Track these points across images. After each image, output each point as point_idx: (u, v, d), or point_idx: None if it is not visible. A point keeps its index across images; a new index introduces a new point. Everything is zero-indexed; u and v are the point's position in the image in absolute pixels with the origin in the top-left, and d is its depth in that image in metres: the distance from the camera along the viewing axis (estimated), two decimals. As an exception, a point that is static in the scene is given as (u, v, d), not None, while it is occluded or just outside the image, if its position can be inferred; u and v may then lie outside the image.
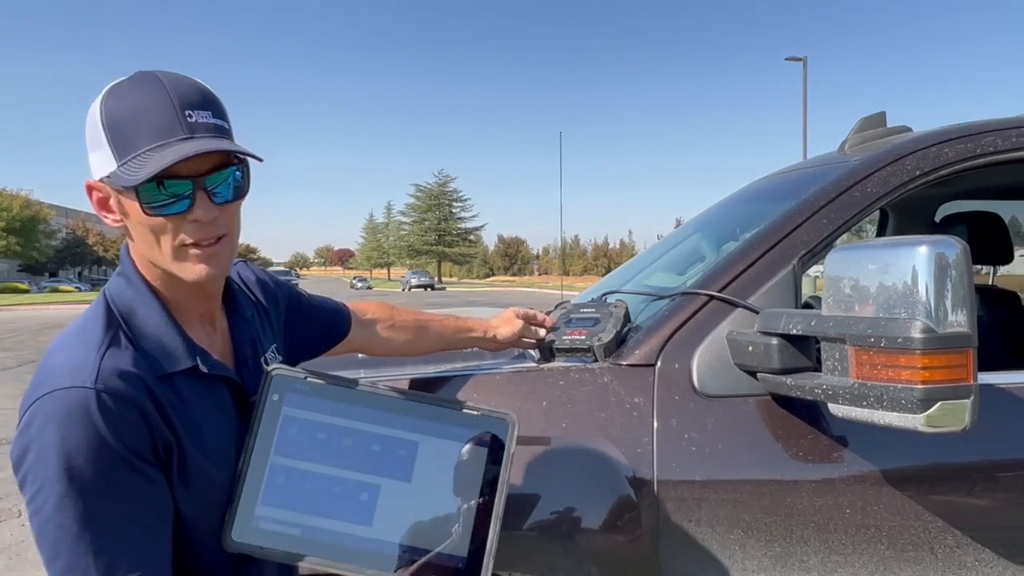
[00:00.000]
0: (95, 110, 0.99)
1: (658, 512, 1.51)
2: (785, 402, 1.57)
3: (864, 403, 1.32)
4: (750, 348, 1.55)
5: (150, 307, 1.05)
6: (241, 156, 1.02)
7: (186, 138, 0.97)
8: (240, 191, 1.05)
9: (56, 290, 55.67)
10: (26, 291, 53.71)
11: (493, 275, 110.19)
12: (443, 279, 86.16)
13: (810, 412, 1.57)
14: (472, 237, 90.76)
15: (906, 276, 1.27)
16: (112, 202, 1.03)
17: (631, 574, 1.52)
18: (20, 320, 23.07)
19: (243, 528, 1.03)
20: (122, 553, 0.93)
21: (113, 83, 1.02)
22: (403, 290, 55.49)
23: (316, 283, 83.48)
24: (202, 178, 1.00)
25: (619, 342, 1.71)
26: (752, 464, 1.54)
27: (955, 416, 1.24)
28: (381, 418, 1.08)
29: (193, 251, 1.02)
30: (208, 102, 1.01)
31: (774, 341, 1.50)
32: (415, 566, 1.01)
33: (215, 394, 1.10)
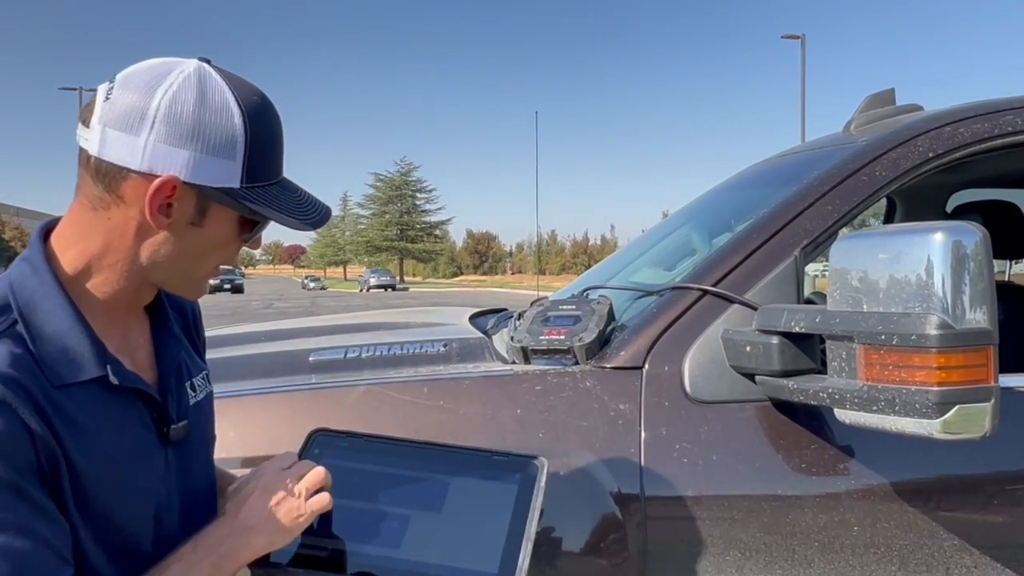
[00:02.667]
0: (232, 110, 1.01)
1: (646, 532, 1.50)
2: (786, 408, 1.57)
3: (874, 408, 1.31)
4: (748, 348, 1.55)
5: (56, 304, 0.99)
6: None
7: (282, 178, 1.09)
8: None
9: (-33, 291, 54.51)
10: (-67, 292, 52.49)
11: (461, 274, 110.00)
12: (406, 278, 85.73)
13: (814, 419, 1.57)
14: (438, 232, 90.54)
15: (920, 266, 1.27)
16: (182, 206, 1.01)
17: (616, 602, 1.50)
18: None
19: (271, 554, 1.15)
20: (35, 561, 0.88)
21: (248, 91, 1.04)
22: (361, 291, 55.20)
23: (264, 283, 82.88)
24: None
25: (602, 342, 1.70)
26: (750, 477, 1.54)
27: (974, 421, 1.25)
28: (415, 465, 1.25)
29: (214, 272, 1.11)
30: None
31: (774, 340, 1.50)
32: None
33: (128, 412, 1.04)
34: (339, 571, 1.15)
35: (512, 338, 1.79)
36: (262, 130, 1.03)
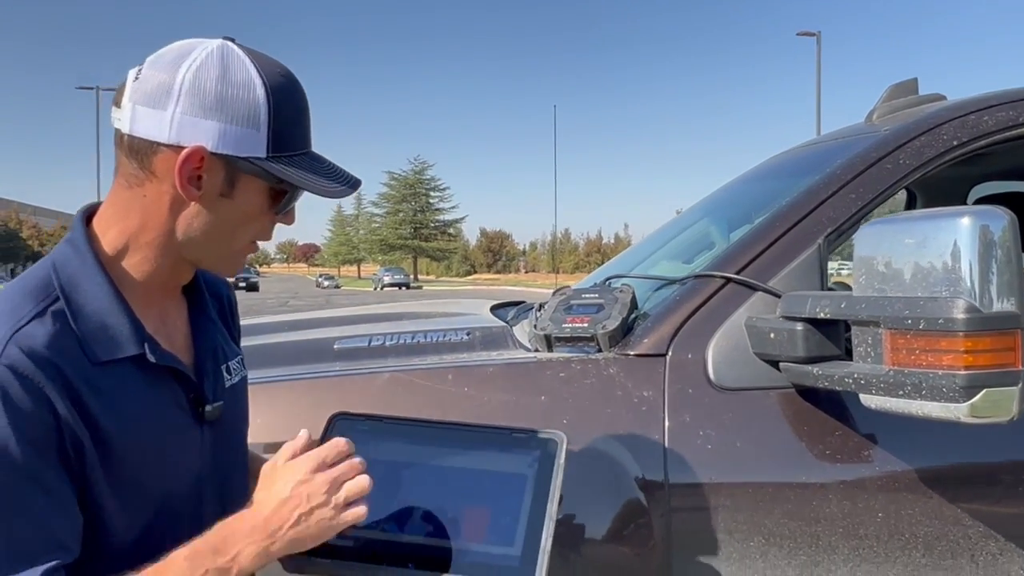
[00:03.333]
0: (254, 81, 1.03)
1: (670, 517, 1.50)
2: (810, 395, 1.57)
3: (900, 392, 1.31)
4: (772, 335, 1.55)
5: (96, 283, 1.02)
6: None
7: (310, 150, 1.10)
8: None
9: (-14, 289, 55.07)
10: (-48, 290, 53.05)
11: (475, 272, 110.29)
12: (419, 277, 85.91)
13: (838, 406, 1.57)
14: (452, 230, 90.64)
15: (946, 251, 1.27)
16: (211, 177, 1.03)
17: (641, 586, 1.51)
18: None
19: None
20: (30, 532, 0.91)
21: (271, 65, 1.07)
22: (375, 289, 55.28)
23: (279, 282, 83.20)
24: None
25: (625, 330, 1.71)
26: (774, 464, 1.54)
27: (1001, 405, 1.25)
28: (435, 446, 1.27)
29: (249, 248, 1.12)
30: None
31: (799, 327, 1.50)
32: (467, 566, 1.15)
33: (164, 390, 1.07)
34: (362, 555, 1.16)
35: (536, 326, 1.80)
36: (285, 101, 1.05)
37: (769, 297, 1.64)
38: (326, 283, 65.05)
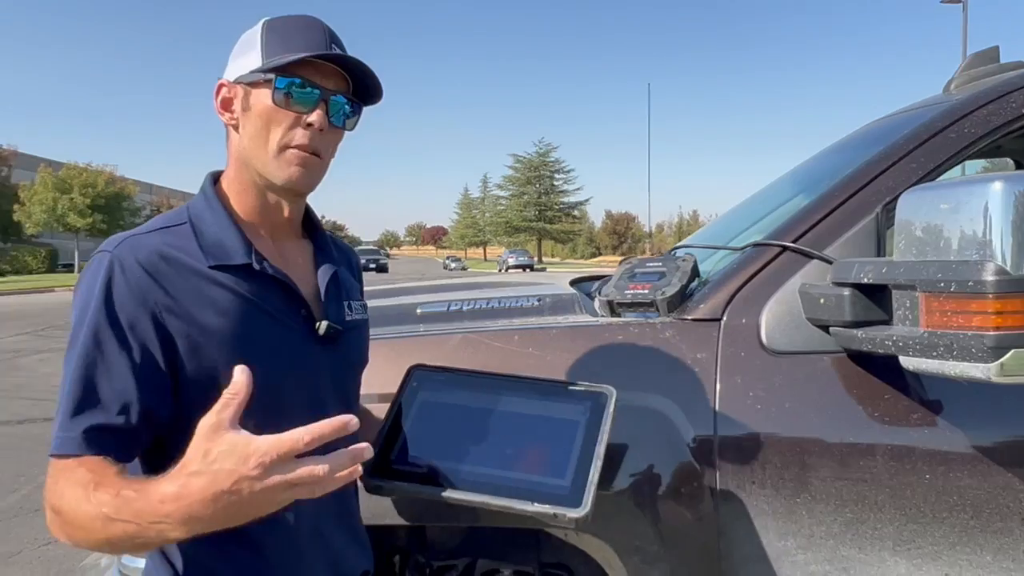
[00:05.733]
0: (258, 24, 1.28)
1: (719, 473, 1.59)
2: (861, 359, 1.62)
3: (934, 353, 1.35)
4: (822, 300, 1.60)
5: (218, 215, 1.27)
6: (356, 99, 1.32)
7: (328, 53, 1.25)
8: (348, 124, 1.32)
9: (141, 270, 58.83)
10: (111, 271, 56.96)
11: (600, 254, 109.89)
12: (544, 259, 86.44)
13: (889, 371, 1.60)
14: (576, 212, 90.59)
15: (979, 216, 1.30)
16: (236, 101, 1.28)
17: (690, 536, 1.60)
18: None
19: (379, 470, 1.37)
20: (81, 389, 1.11)
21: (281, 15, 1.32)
22: (500, 271, 55.92)
23: (407, 264, 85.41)
24: (329, 94, 1.26)
25: (684, 296, 1.79)
26: (822, 424, 1.59)
27: (1031, 365, 1.27)
28: (501, 395, 1.45)
29: (294, 152, 1.25)
30: (347, 51, 1.30)
31: (846, 291, 1.54)
32: (523, 492, 1.30)
33: (271, 298, 1.25)
34: (434, 484, 1.33)
35: (600, 292, 1.90)
36: (279, 25, 1.27)
37: (824, 264, 1.68)
38: (453, 265, 66.40)
